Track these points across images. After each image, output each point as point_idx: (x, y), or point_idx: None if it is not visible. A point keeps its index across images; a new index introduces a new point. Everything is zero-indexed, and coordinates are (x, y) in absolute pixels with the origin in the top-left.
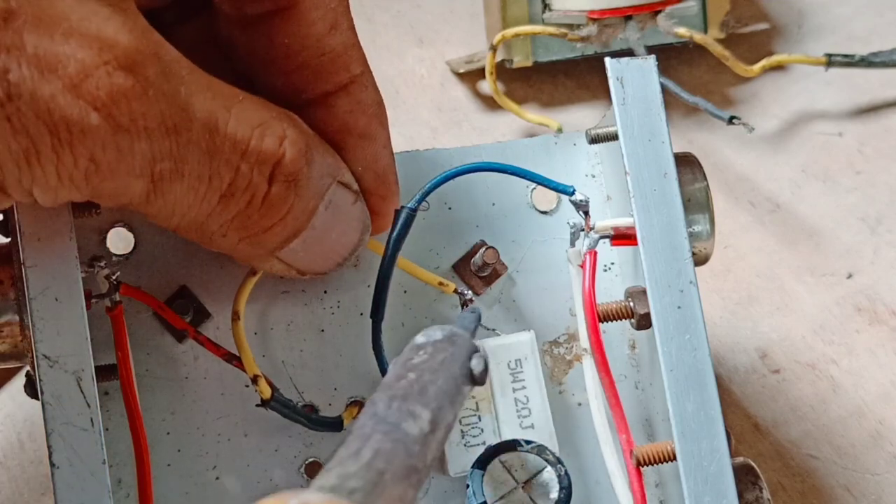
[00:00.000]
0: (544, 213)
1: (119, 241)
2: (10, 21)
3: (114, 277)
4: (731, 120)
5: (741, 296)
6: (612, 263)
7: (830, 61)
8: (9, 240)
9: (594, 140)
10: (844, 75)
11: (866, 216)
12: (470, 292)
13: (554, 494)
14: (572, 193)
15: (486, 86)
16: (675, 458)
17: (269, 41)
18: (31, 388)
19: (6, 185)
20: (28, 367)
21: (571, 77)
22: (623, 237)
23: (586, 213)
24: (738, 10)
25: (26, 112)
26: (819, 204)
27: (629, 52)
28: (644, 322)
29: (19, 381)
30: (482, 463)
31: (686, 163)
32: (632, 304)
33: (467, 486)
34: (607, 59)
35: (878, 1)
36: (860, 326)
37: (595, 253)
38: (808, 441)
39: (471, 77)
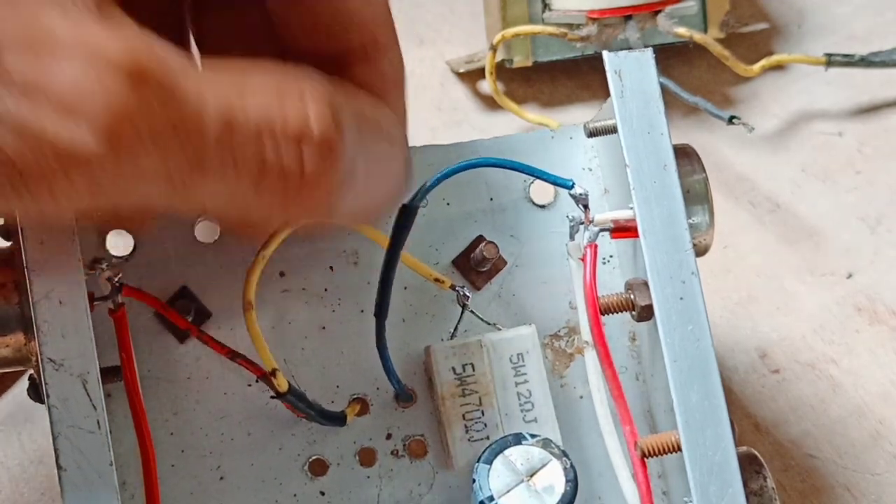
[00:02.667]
0: (542, 207)
1: (119, 242)
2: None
3: (116, 279)
4: (730, 120)
5: (741, 296)
6: (611, 256)
7: (830, 61)
8: (10, 243)
9: (593, 133)
10: (844, 75)
11: (866, 216)
12: (466, 288)
13: (560, 488)
14: (571, 187)
15: (486, 86)
16: (679, 448)
17: (302, 7)
18: (35, 392)
19: None
20: (31, 371)
21: (571, 77)
22: (623, 230)
23: (586, 207)
24: (737, 9)
25: (13, 142)
26: (819, 204)
27: None
28: (645, 314)
29: (20, 380)
30: (488, 458)
31: (684, 155)
32: (633, 296)
33: (473, 480)
34: (605, 53)
35: (878, 0)
36: (860, 326)
37: (595, 246)
38: (808, 441)
39: (471, 77)
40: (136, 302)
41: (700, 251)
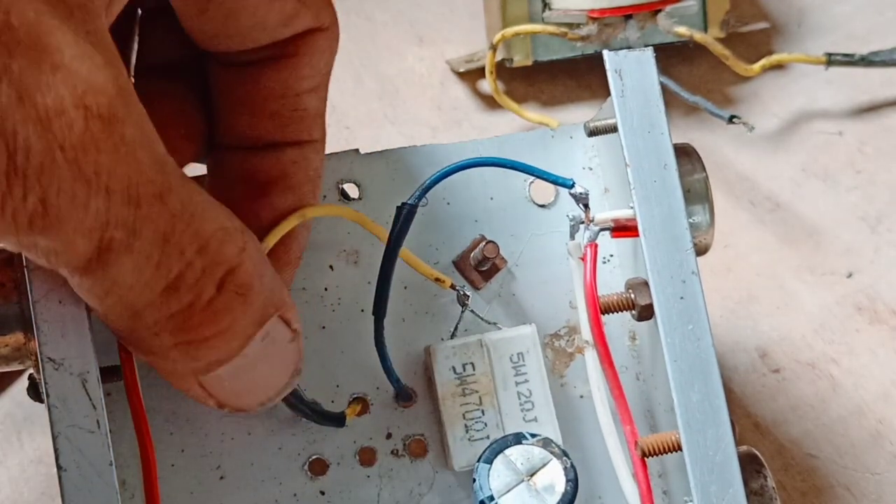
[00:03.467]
0: (542, 206)
1: None
2: (3, 34)
3: None
4: (731, 119)
5: (741, 295)
6: (611, 255)
7: (830, 60)
8: None
9: (593, 132)
10: (844, 74)
11: (866, 215)
12: (466, 288)
13: (560, 487)
14: (572, 186)
15: (486, 85)
16: (679, 448)
17: (254, 85)
18: (35, 392)
19: None
20: (31, 370)
21: (571, 76)
22: (623, 229)
23: (586, 206)
24: (738, 9)
25: None
26: (819, 203)
27: None
28: (645, 313)
29: (19, 380)
30: (488, 457)
31: (685, 154)
32: (633, 295)
33: (473, 480)
34: (605, 52)
35: (878, 0)
36: (860, 326)
37: (596, 245)
38: (809, 440)
39: (471, 76)
40: None
41: (700, 250)
